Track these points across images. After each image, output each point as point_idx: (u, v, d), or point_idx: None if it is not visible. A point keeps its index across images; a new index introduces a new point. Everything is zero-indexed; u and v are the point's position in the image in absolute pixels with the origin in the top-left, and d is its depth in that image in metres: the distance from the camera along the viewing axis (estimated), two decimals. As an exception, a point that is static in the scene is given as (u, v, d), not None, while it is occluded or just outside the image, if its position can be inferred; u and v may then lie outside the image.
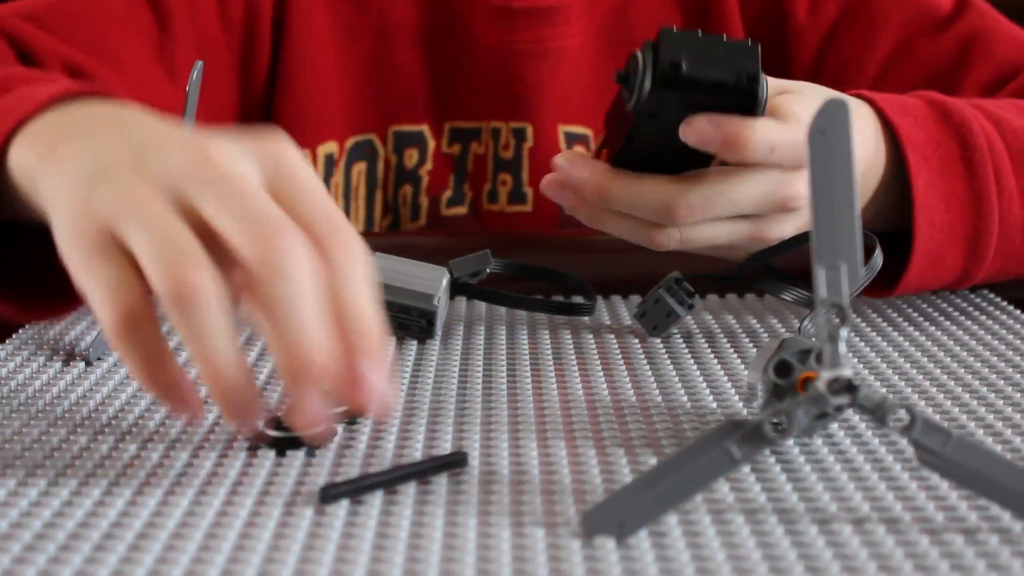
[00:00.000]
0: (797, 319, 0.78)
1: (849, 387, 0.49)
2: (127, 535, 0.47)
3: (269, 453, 0.55)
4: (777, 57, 1.01)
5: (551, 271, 0.79)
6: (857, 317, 0.78)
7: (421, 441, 0.57)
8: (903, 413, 0.49)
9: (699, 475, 0.48)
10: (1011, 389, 0.65)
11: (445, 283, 0.72)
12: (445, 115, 1.01)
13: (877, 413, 0.49)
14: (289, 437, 0.56)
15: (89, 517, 0.49)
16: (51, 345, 0.72)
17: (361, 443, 0.57)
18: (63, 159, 0.56)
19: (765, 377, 0.55)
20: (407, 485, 0.52)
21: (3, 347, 0.72)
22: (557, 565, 0.45)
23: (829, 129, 0.49)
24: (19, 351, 0.71)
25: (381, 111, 1.00)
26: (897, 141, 0.75)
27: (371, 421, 0.60)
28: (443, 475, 0.53)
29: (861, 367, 0.69)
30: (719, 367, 0.69)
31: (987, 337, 0.74)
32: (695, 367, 0.69)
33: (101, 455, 0.55)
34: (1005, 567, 0.45)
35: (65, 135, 0.58)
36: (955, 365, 0.69)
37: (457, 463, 0.53)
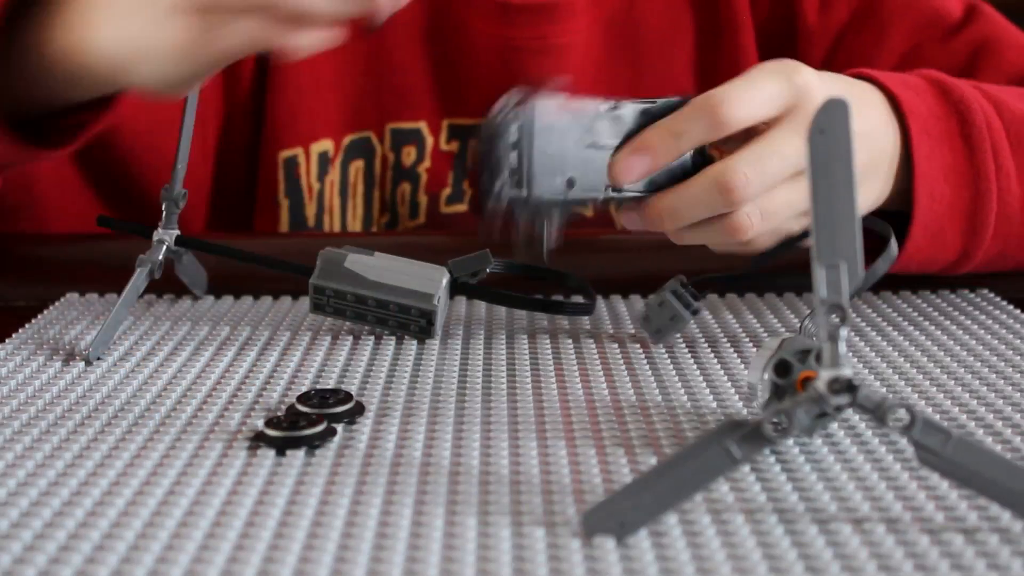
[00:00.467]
0: (797, 318, 0.78)
1: (849, 387, 0.49)
2: (127, 535, 0.47)
3: (269, 452, 0.56)
4: (787, 58, 1.01)
5: (552, 271, 0.79)
6: (857, 317, 0.78)
7: (421, 441, 0.57)
8: (903, 413, 0.49)
9: (699, 475, 0.48)
10: (1011, 389, 0.65)
11: (445, 283, 0.72)
12: (443, 112, 1.01)
13: (877, 413, 0.49)
14: (289, 437, 0.56)
15: (89, 517, 0.49)
16: (51, 345, 0.72)
17: (361, 443, 0.57)
18: None
19: (765, 377, 0.55)
20: (407, 485, 0.52)
21: (3, 347, 0.72)
22: (557, 565, 0.45)
23: (829, 129, 0.49)
24: (19, 351, 0.71)
25: (378, 108, 1.00)
26: (900, 115, 0.75)
27: (371, 421, 0.60)
28: (442, 474, 0.53)
29: (861, 367, 0.69)
30: (719, 367, 0.69)
31: (987, 337, 0.74)
32: (695, 367, 0.69)
33: (101, 455, 0.55)
34: (1005, 567, 0.45)
35: None
36: (955, 365, 0.69)
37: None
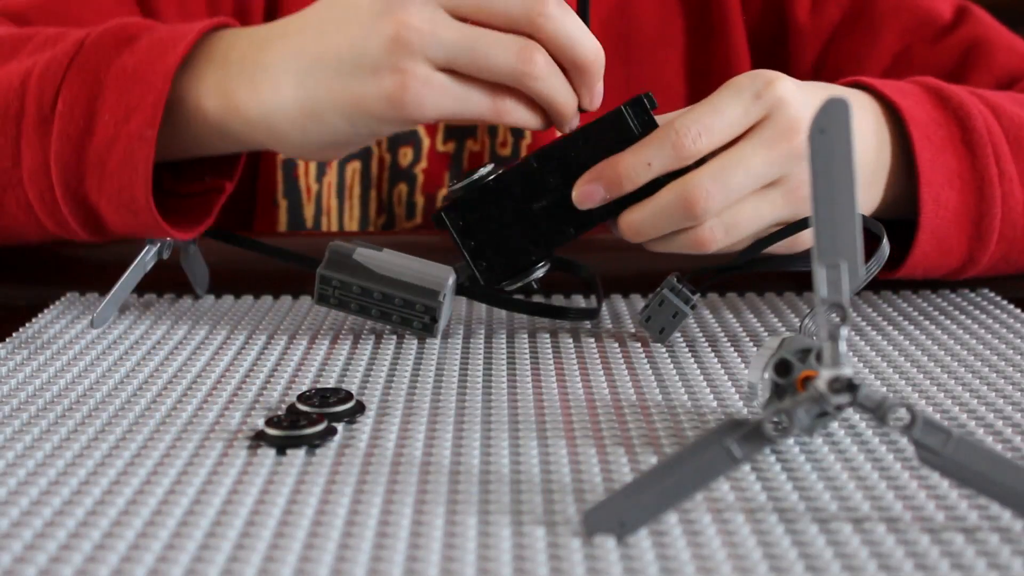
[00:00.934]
0: (797, 318, 0.78)
1: (850, 386, 0.49)
2: (128, 534, 0.47)
3: (269, 452, 0.55)
4: (778, 59, 1.01)
5: (564, 260, 0.79)
6: (858, 316, 0.78)
7: (421, 440, 0.57)
8: (903, 412, 0.49)
9: (699, 474, 0.48)
10: (1011, 388, 0.65)
11: (451, 282, 0.72)
12: None
13: (878, 412, 0.49)
14: (290, 436, 0.56)
15: (90, 516, 0.49)
16: (51, 345, 0.72)
17: (361, 443, 0.57)
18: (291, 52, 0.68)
19: (765, 376, 0.55)
20: (407, 485, 0.52)
21: (3, 346, 0.72)
22: (557, 564, 0.45)
23: (829, 128, 0.49)
24: (19, 350, 0.71)
25: None
26: (901, 122, 0.75)
27: (371, 421, 0.60)
28: (443, 474, 0.53)
29: (861, 366, 0.69)
30: (719, 366, 0.69)
31: (987, 336, 0.74)
32: (695, 366, 0.69)
33: (102, 454, 0.55)
34: (1005, 566, 0.45)
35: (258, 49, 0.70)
36: (955, 364, 0.69)
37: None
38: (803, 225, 0.70)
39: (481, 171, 0.69)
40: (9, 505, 0.50)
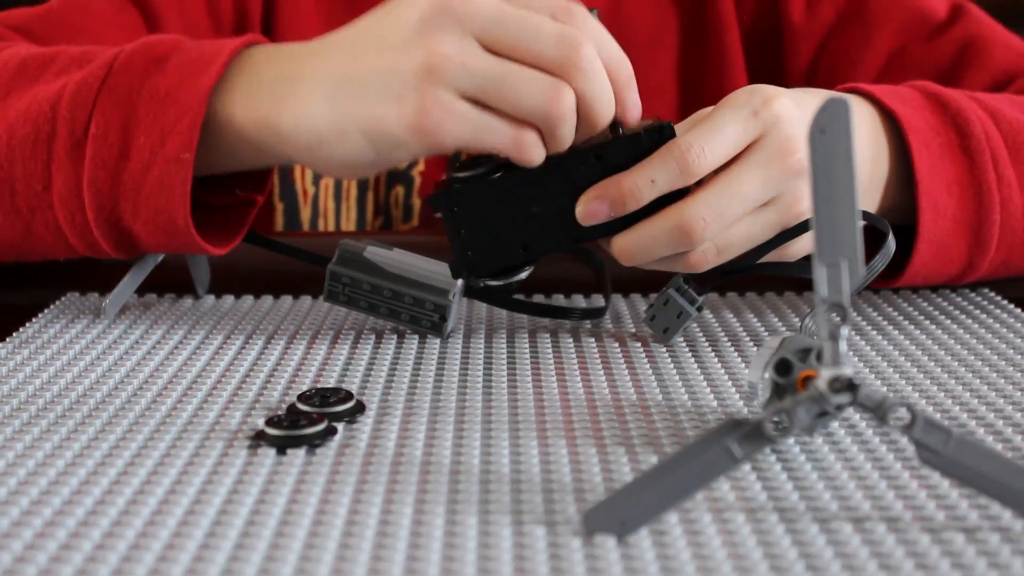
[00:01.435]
0: (798, 317, 0.78)
1: (850, 386, 0.49)
2: (128, 533, 0.47)
3: (270, 451, 0.55)
4: (772, 59, 1.01)
5: (581, 246, 0.79)
6: (858, 315, 0.78)
7: (421, 440, 0.57)
8: (904, 412, 0.49)
9: (700, 474, 0.48)
10: (1012, 388, 0.65)
11: (461, 281, 0.72)
12: None
13: (878, 412, 0.49)
14: (290, 436, 0.56)
15: (90, 516, 0.49)
16: (51, 345, 0.72)
17: (361, 442, 0.57)
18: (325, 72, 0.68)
19: (766, 376, 0.55)
20: (407, 484, 0.52)
21: (3, 346, 0.72)
22: (558, 564, 0.45)
23: (830, 128, 0.49)
24: (19, 350, 0.71)
25: None
26: (898, 130, 0.75)
27: (372, 420, 0.60)
28: (443, 473, 0.53)
29: (862, 366, 0.69)
30: (720, 366, 0.69)
31: (988, 336, 0.74)
32: (696, 366, 0.69)
33: (102, 454, 0.55)
34: (1005, 566, 0.45)
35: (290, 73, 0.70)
36: (956, 364, 0.69)
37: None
38: (804, 228, 0.70)
39: (487, 166, 0.68)
40: (9, 505, 0.50)
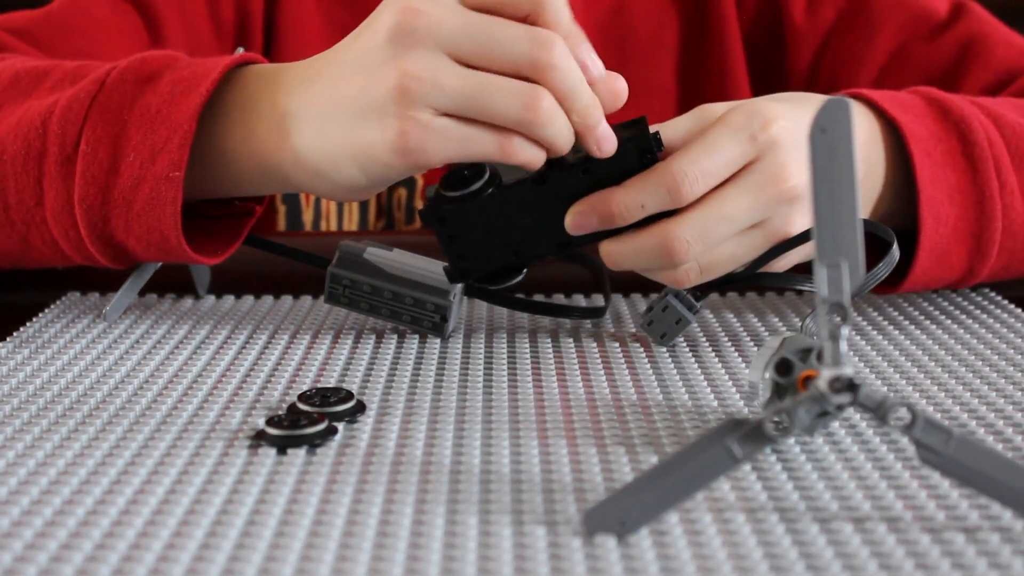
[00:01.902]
0: (799, 318, 0.78)
1: (850, 385, 0.49)
2: (129, 533, 0.47)
3: (270, 451, 0.55)
4: (773, 59, 1.01)
5: (575, 252, 0.79)
6: (858, 316, 0.78)
7: (422, 439, 0.57)
8: (904, 412, 0.49)
9: (700, 474, 0.48)
10: (1012, 388, 0.65)
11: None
12: None
13: (878, 412, 0.49)
14: (290, 435, 0.56)
15: (90, 515, 0.49)
16: (51, 345, 0.72)
17: (362, 442, 0.57)
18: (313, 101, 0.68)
19: (766, 375, 0.55)
20: (408, 484, 0.52)
21: (3, 346, 0.72)
22: (558, 564, 0.45)
23: (830, 127, 0.49)
24: (19, 350, 0.71)
25: None
26: (899, 137, 0.75)
27: (372, 420, 0.60)
28: (443, 473, 0.53)
29: (862, 365, 0.69)
30: (720, 366, 0.69)
31: (988, 336, 0.74)
32: (696, 365, 0.69)
33: (102, 453, 0.55)
34: (1005, 566, 0.45)
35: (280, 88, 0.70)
36: (956, 364, 0.69)
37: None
38: (806, 237, 0.70)
39: (477, 183, 0.68)
40: (10, 504, 0.50)
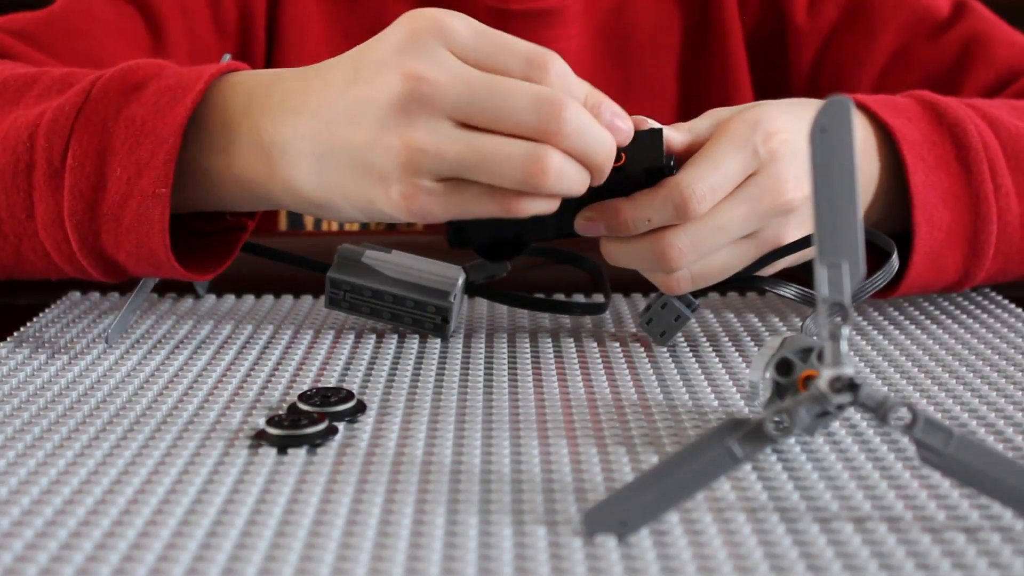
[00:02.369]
0: (799, 318, 0.78)
1: (851, 385, 0.49)
2: (129, 533, 0.47)
3: (270, 451, 0.55)
4: (775, 59, 1.01)
5: (570, 254, 0.79)
6: (859, 316, 0.78)
7: (422, 439, 0.57)
8: (905, 411, 0.49)
9: (701, 473, 0.48)
10: (1012, 387, 0.65)
11: (461, 281, 0.72)
12: None
13: (879, 411, 0.49)
14: (291, 435, 0.56)
15: (91, 515, 0.49)
16: (51, 345, 0.72)
17: (362, 442, 0.57)
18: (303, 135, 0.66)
19: (767, 375, 0.55)
20: (408, 484, 0.52)
21: (3, 345, 0.72)
22: (558, 564, 0.45)
23: (830, 127, 0.49)
24: (19, 350, 0.71)
25: None
26: (893, 142, 0.75)
27: (373, 420, 0.60)
28: (444, 473, 0.53)
29: (863, 365, 0.69)
30: (721, 365, 0.69)
31: (988, 335, 0.74)
32: (697, 365, 0.69)
33: (103, 453, 0.55)
34: (1006, 566, 0.45)
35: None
36: (957, 363, 0.69)
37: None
38: (799, 246, 0.70)
39: None
40: (10, 504, 0.50)
